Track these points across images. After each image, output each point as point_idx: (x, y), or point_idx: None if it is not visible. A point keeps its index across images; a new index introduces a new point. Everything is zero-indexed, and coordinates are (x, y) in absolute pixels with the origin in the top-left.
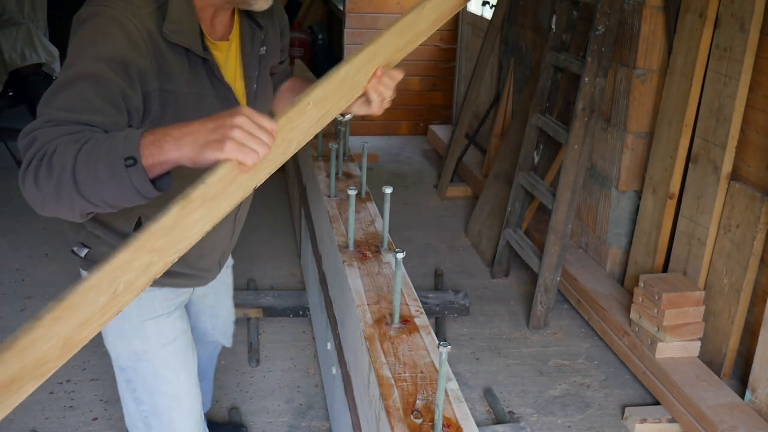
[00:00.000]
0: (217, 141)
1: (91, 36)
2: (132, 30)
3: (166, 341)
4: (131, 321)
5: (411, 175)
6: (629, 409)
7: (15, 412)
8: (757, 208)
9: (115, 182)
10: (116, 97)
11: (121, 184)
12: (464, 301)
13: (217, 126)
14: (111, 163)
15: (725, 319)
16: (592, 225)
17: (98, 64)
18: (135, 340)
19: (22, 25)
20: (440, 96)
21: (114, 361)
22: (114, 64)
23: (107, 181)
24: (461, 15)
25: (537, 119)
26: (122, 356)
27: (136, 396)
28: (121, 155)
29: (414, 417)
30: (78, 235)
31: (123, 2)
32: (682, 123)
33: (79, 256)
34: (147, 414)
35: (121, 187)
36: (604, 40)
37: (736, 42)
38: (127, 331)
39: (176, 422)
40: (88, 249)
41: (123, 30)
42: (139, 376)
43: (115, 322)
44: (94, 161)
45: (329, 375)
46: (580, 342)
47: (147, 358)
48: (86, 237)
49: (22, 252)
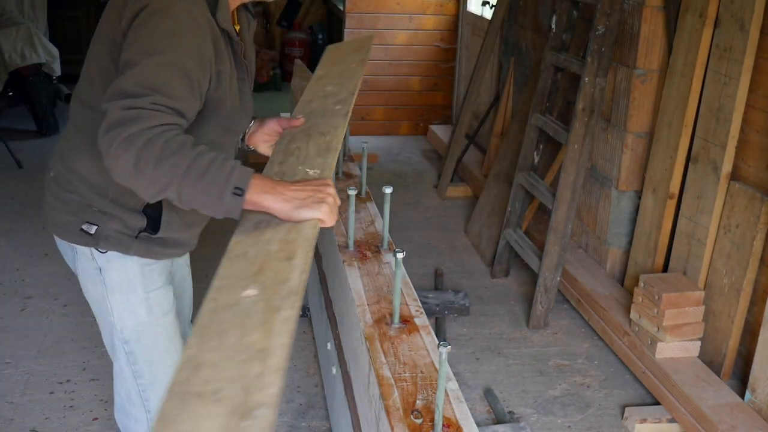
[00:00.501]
0: (316, 203)
1: (170, 27)
2: (201, 22)
3: (165, 311)
4: (137, 293)
5: (411, 175)
6: (629, 409)
7: (15, 412)
8: (757, 208)
9: (216, 200)
10: (196, 89)
11: (220, 203)
12: (464, 301)
13: (315, 192)
14: (222, 186)
15: (725, 319)
16: (592, 225)
17: (183, 57)
18: (141, 312)
19: (22, 25)
20: (440, 96)
21: (117, 334)
22: (195, 56)
23: (210, 197)
24: (461, 15)
25: (537, 119)
26: (127, 328)
27: (136, 369)
28: (234, 184)
29: (414, 417)
30: (83, 214)
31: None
32: (682, 123)
33: (89, 233)
34: (145, 387)
35: (218, 205)
36: (604, 40)
37: (736, 42)
38: (134, 304)
39: None
40: (96, 226)
41: (195, 23)
42: (141, 347)
43: (122, 295)
44: (206, 178)
45: (329, 375)
46: (580, 342)
47: (150, 328)
48: (92, 215)
49: (22, 252)
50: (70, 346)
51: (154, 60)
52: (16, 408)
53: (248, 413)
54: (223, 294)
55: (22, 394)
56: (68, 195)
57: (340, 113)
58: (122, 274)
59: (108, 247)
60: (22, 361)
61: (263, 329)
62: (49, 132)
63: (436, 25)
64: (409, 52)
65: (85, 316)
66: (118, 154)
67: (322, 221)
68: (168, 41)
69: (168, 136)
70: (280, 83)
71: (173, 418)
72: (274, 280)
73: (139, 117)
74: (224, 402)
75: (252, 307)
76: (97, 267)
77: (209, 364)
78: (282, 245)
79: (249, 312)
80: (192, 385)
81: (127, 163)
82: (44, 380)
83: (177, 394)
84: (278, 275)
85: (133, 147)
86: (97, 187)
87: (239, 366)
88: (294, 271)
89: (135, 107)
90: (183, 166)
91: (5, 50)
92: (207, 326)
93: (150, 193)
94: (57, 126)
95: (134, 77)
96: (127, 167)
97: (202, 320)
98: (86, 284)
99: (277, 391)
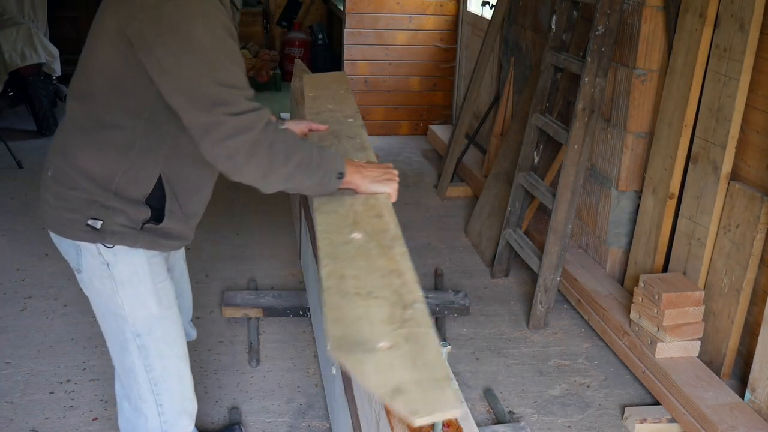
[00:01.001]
0: (387, 180)
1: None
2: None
3: (171, 303)
4: (146, 285)
5: (411, 175)
6: (629, 409)
7: (15, 412)
8: (757, 208)
9: (325, 184)
10: (242, 61)
11: (326, 186)
12: (464, 301)
13: (385, 172)
14: (329, 172)
15: (725, 319)
16: (592, 225)
17: (226, 39)
18: (151, 303)
19: (23, 25)
20: (440, 96)
21: (129, 328)
22: (230, 32)
23: (322, 182)
24: (461, 15)
25: (537, 119)
26: (139, 321)
27: (147, 363)
28: (338, 170)
29: None
30: (88, 210)
31: None
32: (682, 123)
33: (95, 228)
34: (156, 380)
35: (323, 187)
36: (604, 40)
37: (736, 42)
38: (144, 296)
39: (185, 380)
40: (101, 221)
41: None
42: (152, 339)
43: (132, 288)
44: (321, 169)
45: (329, 375)
46: (580, 342)
47: (160, 320)
48: (97, 211)
49: (22, 252)
50: (70, 346)
51: (213, 56)
52: (16, 408)
53: (408, 306)
54: (333, 235)
55: (22, 394)
56: (70, 192)
57: (356, 124)
58: (130, 268)
59: (115, 242)
60: (22, 361)
61: (386, 258)
62: (49, 132)
63: (436, 25)
64: (409, 52)
65: (85, 316)
66: (246, 161)
67: (389, 195)
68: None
69: (279, 133)
70: (280, 83)
71: (342, 308)
72: (374, 229)
73: (247, 123)
74: (381, 299)
75: (366, 244)
76: (105, 262)
77: (352, 276)
78: (366, 207)
79: (365, 247)
80: (344, 288)
81: (258, 167)
82: (44, 380)
83: (335, 293)
84: (375, 227)
85: (260, 152)
86: (101, 181)
87: (380, 279)
88: (389, 224)
89: (236, 113)
90: (305, 161)
91: (5, 50)
92: (332, 254)
93: (276, 186)
94: (57, 126)
95: (211, 80)
96: (259, 171)
97: (325, 250)
98: (92, 281)
99: (422, 296)
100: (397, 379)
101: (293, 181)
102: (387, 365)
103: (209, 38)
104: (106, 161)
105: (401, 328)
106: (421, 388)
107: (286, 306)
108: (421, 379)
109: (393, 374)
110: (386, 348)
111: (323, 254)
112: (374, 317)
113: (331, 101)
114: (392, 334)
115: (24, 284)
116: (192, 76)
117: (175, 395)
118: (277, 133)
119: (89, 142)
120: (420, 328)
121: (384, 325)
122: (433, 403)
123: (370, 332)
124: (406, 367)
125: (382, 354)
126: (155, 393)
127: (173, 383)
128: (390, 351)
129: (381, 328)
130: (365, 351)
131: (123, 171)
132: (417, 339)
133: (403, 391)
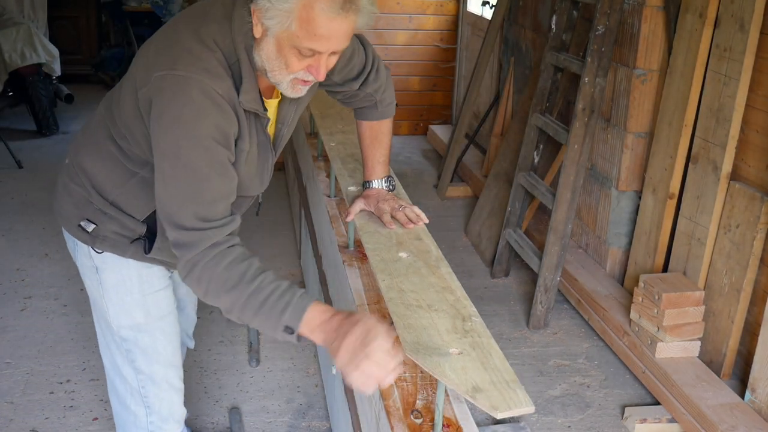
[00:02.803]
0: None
1: (190, 113)
2: (221, 102)
3: (163, 314)
4: (133, 295)
5: (411, 175)
6: (629, 409)
7: (15, 412)
8: (757, 208)
9: (272, 332)
10: (230, 169)
11: (275, 334)
12: None
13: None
14: (275, 323)
15: (725, 319)
16: (592, 225)
17: (212, 146)
18: (137, 313)
19: (22, 25)
20: (440, 96)
21: (115, 332)
22: (220, 138)
23: (267, 329)
24: (461, 15)
25: (537, 119)
26: (124, 328)
27: (136, 366)
28: (284, 323)
29: (414, 417)
30: (84, 211)
31: (206, 73)
32: (682, 123)
33: (86, 230)
34: (144, 383)
35: (275, 335)
36: (604, 40)
37: (736, 42)
38: (129, 305)
39: (173, 388)
40: (95, 225)
41: (215, 102)
42: (139, 347)
43: (117, 296)
44: (261, 314)
45: (329, 375)
46: (580, 342)
47: (147, 330)
48: (93, 214)
49: (22, 252)
50: (70, 346)
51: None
52: (16, 408)
53: (468, 317)
54: (382, 253)
55: (22, 394)
56: (74, 186)
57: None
58: (118, 276)
59: (105, 248)
60: (22, 361)
61: (436, 276)
62: (49, 132)
63: (436, 25)
64: (409, 52)
65: (85, 316)
66: (184, 274)
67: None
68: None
69: (225, 262)
70: None
71: (408, 317)
72: (418, 250)
73: (190, 240)
74: (441, 312)
75: (414, 263)
76: (94, 266)
77: (410, 290)
78: (405, 230)
79: (415, 266)
80: (406, 300)
81: (196, 286)
82: (44, 380)
83: (398, 304)
84: (418, 248)
85: (194, 274)
86: (99, 188)
87: (436, 294)
88: (430, 246)
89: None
90: (242, 299)
91: (5, 50)
92: (385, 270)
93: (220, 308)
94: (57, 126)
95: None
96: (198, 289)
97: (378, 266)
98: (84, 278)
99: (476, 311)
100: (474, 380)
101: (234, 315)
102: (461, 368)
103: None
104: (109, 175)
105: (465, 337)
106: (496, 388)
107: None
108: (494, 380)
109: (468, 375)
110: (457, 353)
111: (377, 269)
112: (440, 327)
113: (339, 120)
114: (459, 342)
115: (24, 284)
116: (161, 180)
117: (162, 401)
118: (212, 265)
119: (99, 151)
120: (482, 338)
121: (449, 334)
122: (508, 401)
123: (440, 339)
124: (478, 370)
125: (455, 358)
126: (143, 395)
127: (161, 390)
128: (461, 356)
129: (448, 337)
130: (440, 355)
131: (121, 191)
132: (482, 347)
133: (482, 389)
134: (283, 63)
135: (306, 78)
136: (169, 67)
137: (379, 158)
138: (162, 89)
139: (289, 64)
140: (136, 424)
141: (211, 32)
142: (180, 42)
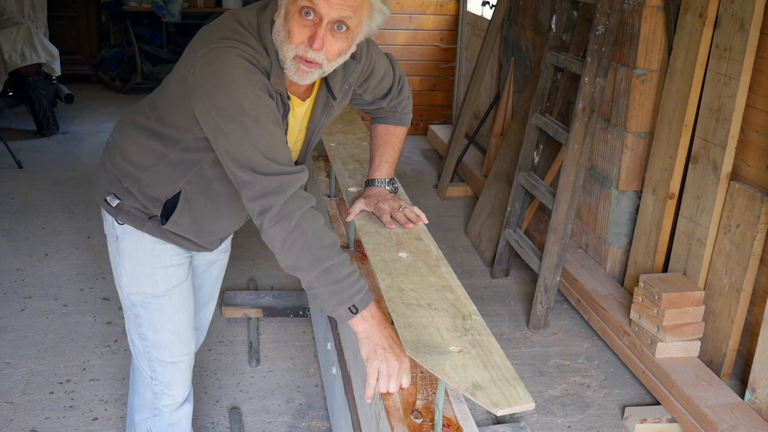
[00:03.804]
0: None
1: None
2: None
3: (172, 286)
4: (143, 267)
5: (411, 175)
6: (629, 409)
7: (15, 412)
8: (757, 208)
9: (335, 305)
10: (281, 123)
11: (335, 309)
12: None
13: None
14: (346, 299)
15: (725, 319)
16: (592, 225)
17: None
18: (145, 284)
19: (22, 25)
20: (440, 96)
21: (126, 297)
22: (269, 95)
23: (332, 299)
24: (461, 15)
25: (537, 119)
26: (133, 294)
27: (141, 332)
28: (354, 302)
29: (414, 417)
30: (112, 186)
31: (247, 47)
32: (682, 123)
33: (111, 205)
34: (149, 348)
35: (333, 309)
36: (604, 40)
37: (736, 42)
38: (139, 275)
39: (175, 356)
40: (119, 200)
41: (258, 69)
42: (146, 313)
43: (130, 265)
44: (338, 286)
45: (329, 375)
46: (580, 342)
47: (155, 299)
48: (120, 190)
49: (22, 252)
50: (70, 346)
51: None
52: (16, 408)
53: (467, 316)
54: (382, 254)
55: (22, 394)
56: (109, 164)
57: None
58: (133, 246)
59: (126, 221)
60: (22, 361)
61: (436, 275)
62: (49, 132)
63: (436, 25)
64: (409, 52)
65: (85, 316)
66: (270, 224)
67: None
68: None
69: (322, 221)
70: None
71: (408, 316)
72: (418, 250)
73: (277, 185)
74: (441, 310)
75: (414, 263)
76: (115, 235)
77: (410, 290)
78: (405, 231)
79: (415, 265)
80: (406, 299)
81: (288, 235)
82: (44, 380)
83: (398, 303)
84: (418, 248)
85: (285, 223)
86: (132, 170)
87: (436, 293)
88: (430, 246)
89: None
90: (327, 264)
91: (5, 50)
92: (385, 270)
93: (288, 262)
94: (57, 126)
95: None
96: (278, 241)
97: (378, 266)
98: (109, 246)
99: (476, 309)
100: (474, 378)
101: (305, 274)
102: (461, 366)
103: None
104: (143, 156)
105: (465, 335)
106: (496, 386)
107: (286, 306)
108: (495, 378)
109: (468, 373)
110: (457, 351)
111: (377, 270)
112: (440, 325)
113: (339, 121)
114: (459, 340)
115: (24, 284)
116: (234, 139)
117: (166, 368)
118: (311, 219)
119: (138, 134)
120: (482, 336)
121: (449, 332)
122: (508, 398)
123: (439, 338)
124: (478, 368)
125: (455, 356)
126: (148, 359)
127: (164, 355)
128: (461, 354)
129: (448, 335)
130: (440, 353)
131: (152, 171)
132: (482, 345)
133: (482, 387)
134: (287, 33)
135: (306, 55)
136: (213, 43)
137: (387, 158)
138: (209, 60)
139: (291, 32)
140: (143, 383)
141: (249, 18)
142: (222, 26)
